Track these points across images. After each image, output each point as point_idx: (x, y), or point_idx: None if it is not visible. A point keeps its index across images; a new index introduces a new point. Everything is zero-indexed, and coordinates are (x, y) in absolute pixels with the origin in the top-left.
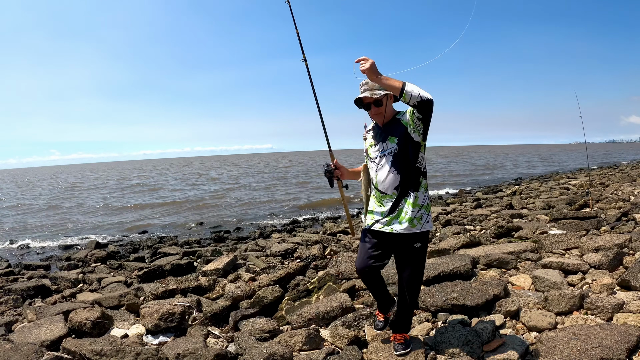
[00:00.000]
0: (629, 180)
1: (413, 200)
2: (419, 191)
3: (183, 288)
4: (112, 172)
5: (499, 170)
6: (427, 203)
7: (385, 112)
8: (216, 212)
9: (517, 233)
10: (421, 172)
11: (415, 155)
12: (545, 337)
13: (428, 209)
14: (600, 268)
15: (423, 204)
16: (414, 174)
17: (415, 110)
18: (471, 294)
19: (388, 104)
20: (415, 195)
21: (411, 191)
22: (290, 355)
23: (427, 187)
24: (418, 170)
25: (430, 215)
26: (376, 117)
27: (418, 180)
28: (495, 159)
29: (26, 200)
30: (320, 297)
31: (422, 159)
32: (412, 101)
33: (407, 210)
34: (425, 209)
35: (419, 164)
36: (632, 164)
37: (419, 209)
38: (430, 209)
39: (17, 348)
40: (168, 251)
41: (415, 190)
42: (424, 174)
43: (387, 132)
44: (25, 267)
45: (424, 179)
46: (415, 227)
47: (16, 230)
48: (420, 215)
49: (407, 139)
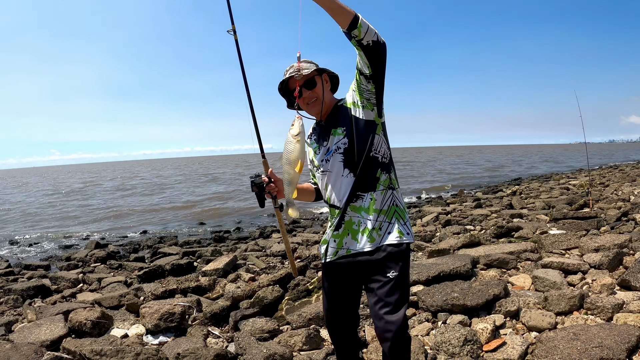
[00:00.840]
0: (629, 180)
1: (367, 204)
2: (376, 191)
3: (183, 288)
4: (112, 172)
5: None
6: (394, 206)
7: (324, 98)
8: (216, 213)
9: (517, 233)
10: (378, 163)
11: (370, 139)
12: (545, 337)
13: (395, 214)
14: (600, 268)
15: (382, 208)
16: (369, 165)
17: (363, 63)
18: (471, 294)
19: (325, 88)
20: (370, 197)
21: (362, 192)
22: (290, 355)
23: (394, 183)
24: (373, 162)
25: (403, 222)
26: (312, 107)
27: (374, 175)
28: (500, 159)
29: (26, 200)
30: (320, 297)
31: (379, 145)
32: (367, 38)
33: (359, 220)
34: (386, 215)
35: (375, 152)
36: (632, 164)
37: (376, 215)
38: (403, 214)
39: (17, 348)
40: (168, 251)
41: (370, 189)
42: (385, 166)
43: (330, 125)
44: (25, 267)
45: (385, 172)
46: (374, 241)
47: (16, 230)
48: (379, 223)
49: (357, 123)
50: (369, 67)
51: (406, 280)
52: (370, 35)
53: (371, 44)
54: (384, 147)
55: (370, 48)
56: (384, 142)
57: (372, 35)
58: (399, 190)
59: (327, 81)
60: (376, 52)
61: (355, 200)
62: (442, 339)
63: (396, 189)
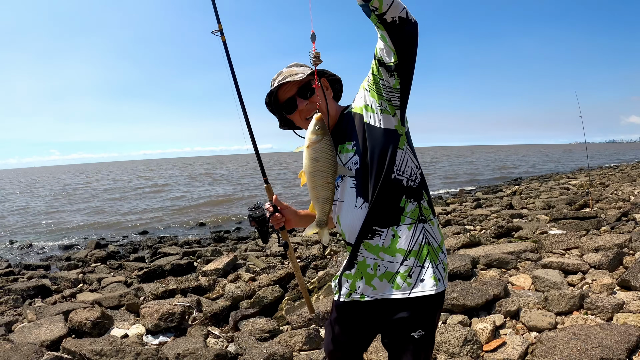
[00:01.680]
0: (629, 180)
1: (388, 242)
2: (400, 225)
3: (183, 288)
4: (112, 172)
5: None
6: (426, 244)
7: (327, 108)
8: (216, 212)
9: (517, 233)
10: (402, 189)
11: (391, 155)
12: (545, 337)
13: (429, 256)
14: (600, 268)
15: (411, 248)
16: (389, 192)
17: (386, 48)
18: (471, 294)
19: (327, 95)
20: (392, 233)
21: (381, 227)
22: (290, 355)
23: (426, 214)
24: (395, 186)
25: (436, 264)
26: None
27: (396, 203)
28: (505, 159)
29: (26, 200)
30: (320, 297)
31: (404, 162)
32: (392, 13)
33: (376, 262)
34: (416, 256)
35: (398, 173)
36: (632, 164)
37: (403, 257)
38: (438, 252)
39: (17, 348)
40: (168, 251)
41: (391, 222)
42: (413, 191)
43: (337, 140)
44: (25, 267)
45: (413, 201)
46: (401, 287)
47: (16, 230)
48: (407, 269)
49: (371, 134)
50: (394, 54)
51: (432, 339)
52: (396, 9)
53: (397, 22)
54: (411, 166)
55: (396, 27)
56: (411, 158)
57: (398, 9)
58: (434, 221)
59: (328, 87)
60: (405, 33)
61: (370, 237)
62: (442, 339)
63: (430, 220)
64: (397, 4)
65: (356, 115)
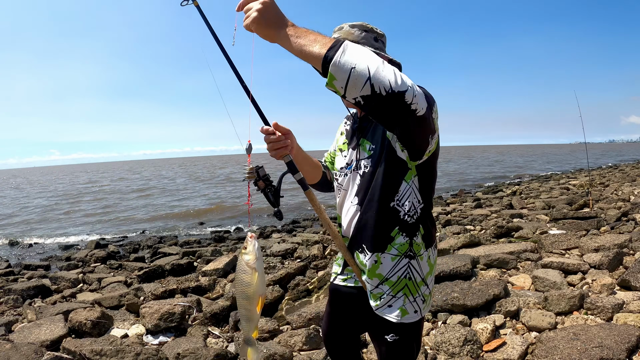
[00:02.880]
0: (629, 180)
1: (370, 265)
2: (384, 252)
3: (183, 288)
4: (113, 173)
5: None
6: (405, 279)
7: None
8: (216, 212)
9: (517, 233)
10: (397, 220)
11: (394, 184)
12: (545, 337)
13: (405, 289)
14: (600, 268)
15: (389, 277)
16: (384, 218)
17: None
18: (471, 294)
19: None
20: (375, 258)
21: (367, 249)
22: (290, 355)
23: (417, 250)
24: (391, 215)
25: (413, 298)
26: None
27: (387, 232)
28: (511, 159)
29: (27, 200)
30: (320, 297)
31: (405, 196)
32: (352, 95)
33: (363, 276)
34: (392, 287)
35: (397, 203)
36: (632, 164)
37: (379, 281)
38: (418, 288)
39: (17, 348)
40: (168, 251)
41: (379, 249)
42: (408, 227)
43: (362, 131)
44: (25, 267)
45: (405, 235)
46: (373, 299)
47: (16, 230)
48: (380, 292)
49: (389, 152)
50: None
51: (409, 349)
52: (355, 89)
53: (362, 102)
54: (413, 201)
55: (365, 107)
56: (415, 193)
57: (358, 88)
58: (424, 256)
59: None
60: (378, 111)
61: (360, 250)
62: (442, 339)
63: (419, 256)
64: (355, 82)
65: None
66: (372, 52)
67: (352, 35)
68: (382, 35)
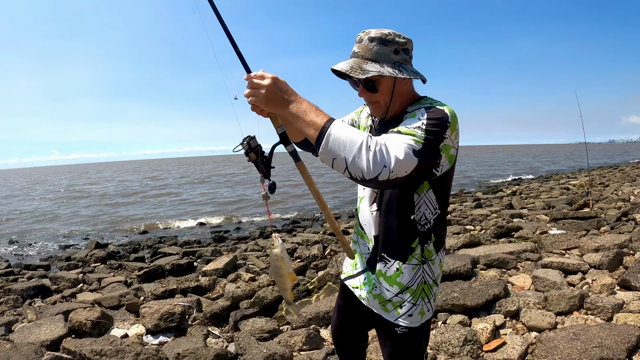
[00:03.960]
0: (629, 180)
1: (392, 272)
2: (406, 263)
3: (183, 288)
4: (113, 172)
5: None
6: (423, 283)
7: (390, 102)
8: (216, 213)
9: (517, 233)
10: (417, 232)
11: (411, 197)
12: (545, 337)
13: (422, 294)
14: (600, 268)
15: (409, 285)
16: (404, 228)
17: None
18: (471, 294)
19: (400, 88)
20: (397, 266)
21: (391, 257)
22: (290, 355)
23: (429, 255)
24: (411, 228)
25: (428, 300)
26: (370, 106)
27: (409, 243)
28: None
29: (27, 200)
30: (320, 297)
31: (420, 206)
32: (338, 171)
33: (379, 284)
34: (412, 294)
35: (417, 216)
36: (632, 164)
37: (399, 290)
38: (431, 289)
39: (17, 348)
40: (168, 251)
41: (401, 258)
42: (423, 235)
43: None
44: (25, 267)
45: (422, 244)
46: (389, 312)
47: (16, 231)
48: (400, 301)
49: None
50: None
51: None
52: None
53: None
54: (425, 212)
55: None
56: (427, 205)
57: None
58: (435, 260)
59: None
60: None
61: (379, 260)
62: (442, 339)
63: (429, 261)
64: (337, 168)
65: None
66: (354, 137)
67: (370, 52)
68: (404, 44)
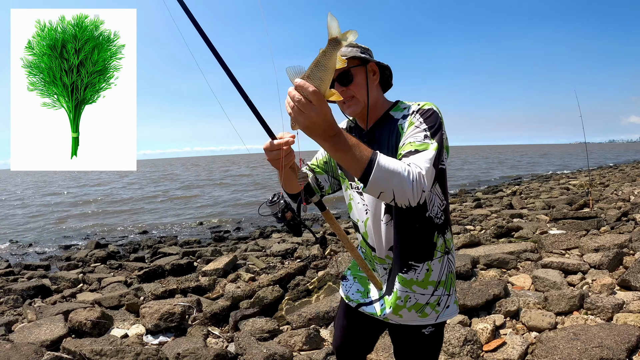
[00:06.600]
0: (629, 180)
1: (422, 276)
2: (433, 259)
3: (183, 288)
4: (117, 173)
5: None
6: (450, 273)
7: (368, 99)
8: (217, 213)
9: (517, 233)
10: (434, 226)
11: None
12: (545, 337)
13: (450, 283)
14: (600, 268)
15: (441, 279)
16: (424, 227)
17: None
18: (471, 294)
19: (372, 83)
20: (426, 267)
21: (417, 262)
22: (290, 355)
23: (449, 244)
24: (429, 224)
25: (453, 292)
26: (349, 108)
27: (431, 239)
28: (521, 158)
29: (27, 200)
30: (320, 297)
31: (432, 201)
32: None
33: (413, 293)
34: (444, 286)
35: (431, 212)
36: (632, 164)
37: (434, 288)
38: (454, 279)
39: (17, 348)
40: (168, 251)
41: (426, 257)
42: (440, 227)
43: (373, 139)
44: (25, 267)
45: (441, 234)
46: (428, 316)
47: (16, 231)
48: (437, 298)
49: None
50: None
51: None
52: (384, 200)
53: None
54: (437, 204)
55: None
56: (438, 195)
57: (387, 201)
58: (452, 249)
59: (376, 71)
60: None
61: (405, 271)
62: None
63: (452, 251)
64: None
65: (400, 127)
66: (397, 168)
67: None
68: (367, 49)
